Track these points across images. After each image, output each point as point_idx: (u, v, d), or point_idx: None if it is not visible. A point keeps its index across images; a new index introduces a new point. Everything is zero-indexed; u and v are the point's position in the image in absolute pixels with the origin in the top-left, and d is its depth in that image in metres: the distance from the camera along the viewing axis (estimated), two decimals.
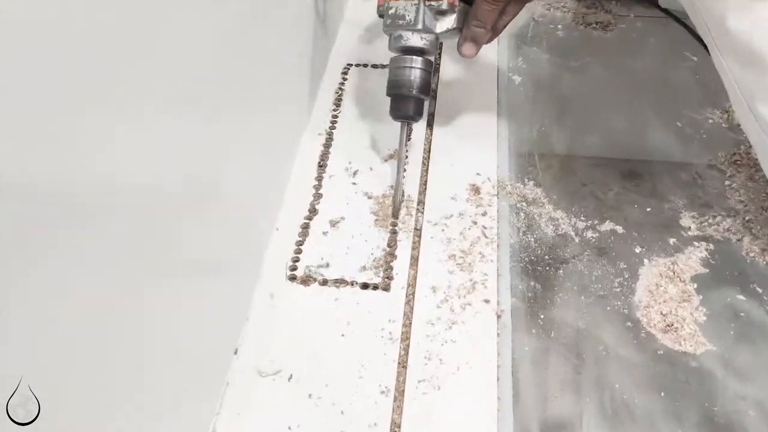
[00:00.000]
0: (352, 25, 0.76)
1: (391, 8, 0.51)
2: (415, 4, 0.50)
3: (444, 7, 0.50)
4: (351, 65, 0.71)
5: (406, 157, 0.59)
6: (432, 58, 0.53)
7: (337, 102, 0.66)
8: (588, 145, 0.63)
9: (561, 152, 0.62)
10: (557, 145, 0.63)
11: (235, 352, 0.46)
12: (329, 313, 0.49)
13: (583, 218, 0.55)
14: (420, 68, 0.52)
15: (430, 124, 0.64)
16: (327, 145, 0.62)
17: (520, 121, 0.65)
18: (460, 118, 0.64)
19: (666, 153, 0.62)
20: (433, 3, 0.50)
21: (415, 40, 0.51)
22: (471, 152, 0.61)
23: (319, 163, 0.60)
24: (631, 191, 0.58)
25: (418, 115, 0.54)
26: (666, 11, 0.75)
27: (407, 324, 0.48)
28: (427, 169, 0.60)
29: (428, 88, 0.53)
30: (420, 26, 0.51)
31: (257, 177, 0.50)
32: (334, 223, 0.55)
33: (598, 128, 0.65)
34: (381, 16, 0.53)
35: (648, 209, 0.56)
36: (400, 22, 0.51)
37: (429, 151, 0.61)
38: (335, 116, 0.65)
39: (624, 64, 0.71)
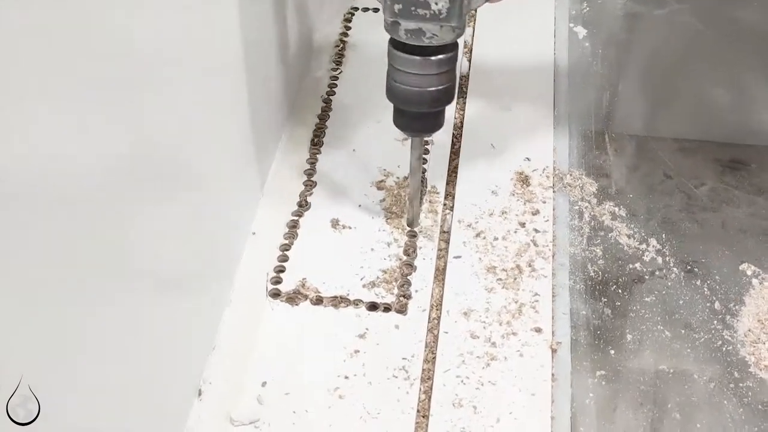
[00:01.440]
0: None
1: None
2: None
3: None
4: (356, 9, 0.71)
5: (424, 167, 0.58)
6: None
7: (338, 59, 0.67)
8: (675, 124, 0.63)
9: (639, 132, 0.62)
10: (634, 123, 0.63)
11: (199, 394, 0.46)
12: (324, 343, 0.49)
13: (668, 221, 0.56)
14: (446, 72, 0.48)
15: (463, 93, 0.64)
16: (323, 116, 0.62)
17: (586, 90, 0.65)
18: (503, 84, 0.65)
19: None
20: None
21: (446, 35, 0.46)
22: (518, 131, 0.61)
23: (313, 140, 0.61)
24: (733, 186, 0.59)
25: (437, 128, 0.51)
26: None
27: (430, 359, 0.48)
28: (459, 151, 0.60)
29: (454, 90, 0.49)
30: (455, 22, 0.45)
31: (229, 158, 0.51)
32: (333, 222, 0.55)
33: (689, 101, 0.65)
34: None
35: (754, 210, 0.57)
36: (421, 11, 0.44)
37: (461, 128, 0.62)
38: (335, 78, 0.65)
39: (725, 13, 0.72)
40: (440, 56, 0.47)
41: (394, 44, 0.47)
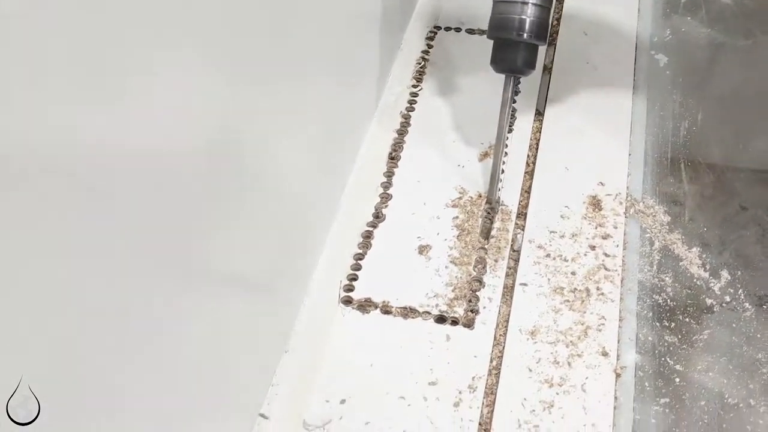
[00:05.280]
0: None
1: None
2: None
3: None
4: (439, 28, 0.73)
5: (509, 132, 0.59)
6: None
7: (419, 76, 0.69)
8: (755, 154, 0.63)
9: (717, 161, 0.62)
10: (712, 152, 0.63)
11: (269, 395, 0.49)
12: (392, 352, 0.51)
13: (740, 253, 0.56)
14: (536, 3, 0.53)
15: (540, 112, 0.65)
16: (402, 131, 0.64)
17: (663, 117, 0.65)
18: (581, 107, 0.65)
19: None
20: None
21: None
22: (593, 153, 0.62)
23: (391, 154, 0.63)
24: None
25: (528, 67, 0.55)
26: None
27: (494, 373, 0.50)
28: (533, 171, 0.61)
29: (545, 30, 0.54)
30: None
31: (309, 167, 0.53)
32: (406, 235, 0.57)
33: None
34: None
35: None
36: None
37: (537, 148, 0.63)
38: (414, 95, 0.67)
39: None
40: None
41: None
